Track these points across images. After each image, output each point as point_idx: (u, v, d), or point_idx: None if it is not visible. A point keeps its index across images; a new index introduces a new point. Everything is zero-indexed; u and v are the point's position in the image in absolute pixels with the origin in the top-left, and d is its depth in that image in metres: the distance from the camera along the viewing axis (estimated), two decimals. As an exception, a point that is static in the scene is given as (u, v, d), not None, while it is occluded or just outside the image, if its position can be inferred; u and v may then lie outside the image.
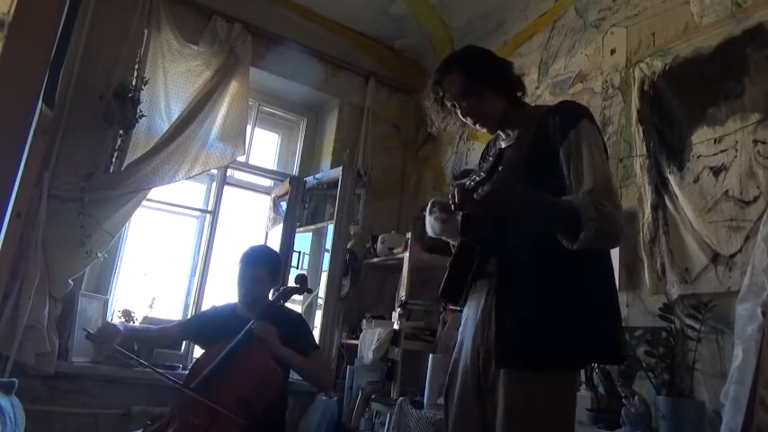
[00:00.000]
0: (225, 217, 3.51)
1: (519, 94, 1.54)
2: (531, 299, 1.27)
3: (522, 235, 1.32)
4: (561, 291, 1.27)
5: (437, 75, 1.56)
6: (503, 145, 1.55)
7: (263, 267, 2.44)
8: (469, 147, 3.39)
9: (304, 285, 2.44)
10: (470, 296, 1.48)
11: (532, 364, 1.25)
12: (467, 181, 1.41)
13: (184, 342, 3.07)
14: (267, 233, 3.75)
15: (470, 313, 1.48)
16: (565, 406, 1.30)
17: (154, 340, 2.68)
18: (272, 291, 2.55)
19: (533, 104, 1.66)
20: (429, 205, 1.64)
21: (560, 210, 1.26)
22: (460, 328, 1.54)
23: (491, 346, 1.32)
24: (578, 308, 1.26)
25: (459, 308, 1.61)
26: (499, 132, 1.57)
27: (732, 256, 1.89)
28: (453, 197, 1.34)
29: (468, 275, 1.45)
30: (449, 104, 1.56)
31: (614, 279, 1.38)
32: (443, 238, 1.63)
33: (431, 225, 1.61)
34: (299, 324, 2.47)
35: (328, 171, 3.63)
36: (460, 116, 1.54)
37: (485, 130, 1.56)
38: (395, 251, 3.22)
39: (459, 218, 1.41)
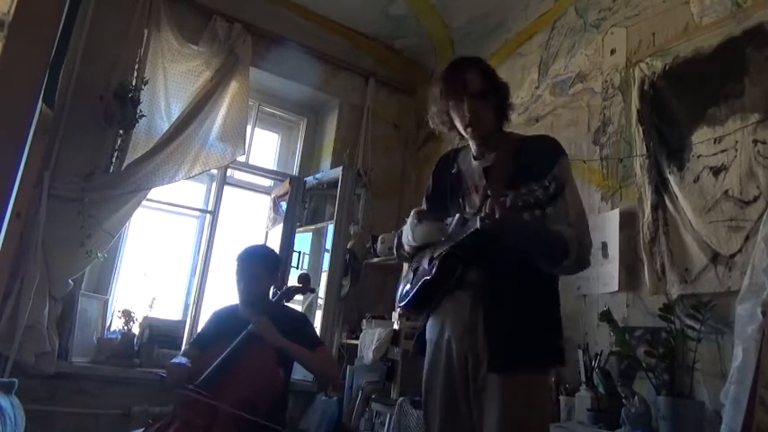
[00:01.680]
0: (225, 217, 3.52)
1: (505, 122, 1.62)
2: (518, 310, 1.42)
3: (516, 253, 1.43)
4: (541, 302, 1.47)
5: (460, 65, 1.58)
6: (475, 164, 1.59)
7: (261, 264, 2.41)
8: (469, 147, 3.38)
9: (307, 285, 2.42)
10: (443, 304, 1.52)
11: (522, 367, 1.40)
12: (505, 198, 1.29)
13: (183, 342, 3.08)
14: (267, 233, 3.75)
15: (448, 321, 1.51)
16: (546, 400, 1.62)
17: None
18: (272, 289, 2.54)
19: (530, 107, 1.70)
20: (413, 214, 1.62)
21: (555, 239, 1.40)
22: (430, 335, 1.56)
23: (481, 352, 1.41)
24: (551, 317, 1.48)
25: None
26: (471, 150, 1.61)
27: (732, 256, 1.89)
28: (492, 210, 1.28)
29: (446, 286, 1.48)
30: (456, 97, 1.54)
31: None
32: (416, 244, 1.59)
33: (419, 233, 1.57)
34: (302, 322, 2.46)
35: (328, 171, 3.63)
36: (465, 111, 1.53)
37: (468, 133, 1.56)
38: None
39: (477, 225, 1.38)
